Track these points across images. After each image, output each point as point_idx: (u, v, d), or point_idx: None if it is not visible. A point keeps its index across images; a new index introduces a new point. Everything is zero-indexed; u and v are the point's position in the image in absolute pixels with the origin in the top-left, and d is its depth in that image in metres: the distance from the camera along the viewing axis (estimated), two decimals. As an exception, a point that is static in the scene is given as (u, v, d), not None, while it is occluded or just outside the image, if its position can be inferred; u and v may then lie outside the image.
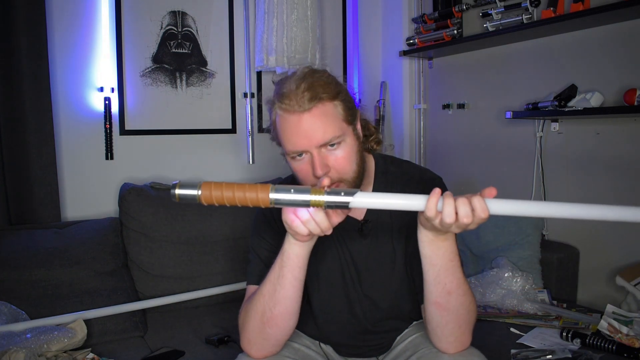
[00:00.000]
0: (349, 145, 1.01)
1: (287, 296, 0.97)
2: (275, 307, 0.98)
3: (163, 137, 2.33)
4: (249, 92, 2.52)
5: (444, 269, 0.94)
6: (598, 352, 1.40)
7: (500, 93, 2.32)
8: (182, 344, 1.61)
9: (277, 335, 1.01)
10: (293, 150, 0.99)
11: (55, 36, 2.07)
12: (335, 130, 0.98)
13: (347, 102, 1.03)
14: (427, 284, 0.96)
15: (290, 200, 0.82)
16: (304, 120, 0.97)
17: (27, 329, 1.46)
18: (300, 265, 0.96)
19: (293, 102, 0.97)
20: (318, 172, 0.97)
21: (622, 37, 1.84)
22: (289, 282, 0.97)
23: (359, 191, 0.83)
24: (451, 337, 0.99)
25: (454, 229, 0.85)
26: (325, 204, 0.82)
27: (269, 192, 0.81)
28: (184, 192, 0.83)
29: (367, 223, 1.11)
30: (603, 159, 1.93)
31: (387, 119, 2.82)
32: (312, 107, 0.97)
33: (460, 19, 2.37)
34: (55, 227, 1.90)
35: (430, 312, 0.98)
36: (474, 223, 0.82)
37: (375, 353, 1.19)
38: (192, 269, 1.96)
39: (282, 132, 1.00)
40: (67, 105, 2.11)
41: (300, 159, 1.00)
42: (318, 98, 0.97)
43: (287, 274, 0.96)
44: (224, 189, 0.81)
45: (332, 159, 0.99)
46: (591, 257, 2.00)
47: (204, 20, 2.39)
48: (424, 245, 0.93)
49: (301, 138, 0.97)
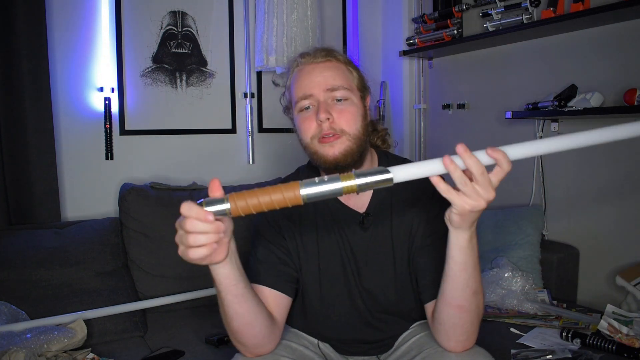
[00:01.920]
0: (355, 106, 1.07)
1: (236, 312, 0.94)
2: (232, 322, 0.95)
3: (163, 137, 2.33)
4: (249, 92, 2.52)
5: (474, 271, 0.90)
6: (598, 352, 1.40)
7: (500, 93, 2.32)
8: (182, 344, 1.61)
9: (252, 340, 0.99)
10: (302, 96, 1.05)
11: (55, 36, 2.07)
12: (344, 82, 1.06)
13: (360, 75, 1.12)
14: (455, 289, 0.92)
15: (323, 192, 0.75)
16: (317, 69, 1.07)
17: (27, 329, 1.46)
18: (233, 283, 0.89)
19: (311, 57, 1.08)
20: (321, 114, 1.02)
21: (622, 37, 1.84)
22: (232, 302, 0.92)
23: (387, 168, 0.76)
24: (463, 336, 0.97)
25: (484, 187, 0.77)
26: (358, 187, 0.76)
27: (296, 190, 0.75)
28: (213, 209, 0.74)
29: (369, 216, 1.11)
30: (603, 159, 1.93)
31: (387, 119, 2.82)
32: (327, 61, 1.08)
33: (460, 19, 2.37)
34: (55, 227, 1.90)
35: (448, 314, 0.95)
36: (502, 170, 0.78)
37: (376, 352, 1.19)
38: (192, 269, 1.93)
39: (295, 82, 1.08)
40: (67, 105, 2.11)
41: (307, 112, 1.06)
42: (333, 56, 1.09)
43: (227, 296, 0.91)
44: (247, 197, 0.75)
45: (337, 110, 1.04)
46: (591, 257, 2.00)
47: (204, 20, 2.39)
48: (459, 251, 0.87)
49: (312, 83, 1.05)
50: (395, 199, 1.12)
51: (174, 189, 2.10)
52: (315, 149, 1.06)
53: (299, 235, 1.12)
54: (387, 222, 1.11)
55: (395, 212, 1.11)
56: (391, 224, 1.11)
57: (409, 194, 1.11)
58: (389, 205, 1.12)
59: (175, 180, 2.27)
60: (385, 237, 1.11)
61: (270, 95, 2.57)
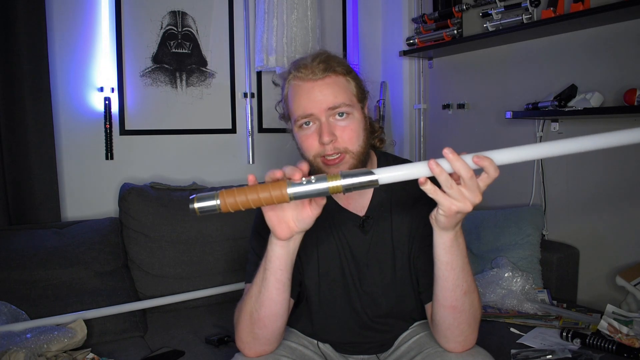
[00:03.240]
0: (357, 120, 1.04)
1: (271, 298, 0.96)
2: (261, 308, 0.97)
3: (163, 137, 2.33)
4: (249, 92, 2.52)
5: (462, 271, 0.91)
6: (598, 352, 1.40)
7: (500, 93, 2.32)
8: (182, 344, 1.61)
9: (267, 335, 1.01)
10: (302, 115, 1.02)
11: (55, 36, 2.07)
12: (345, 99, 1.02)
13: (358, 82, 1.09)
14: (445, 289, 0.93)
15: (309, 191, 0.78)
16: (316, 87, 1.02)
17: (27, 329, 1.46)
18: (282, 268, 0.94)
19: (308, 71, 1.02)
20: (325, 137, 1.00)
21: (622, 37, 1.84)
22: (272, 285, 0.95)
23: (372, 170, 0.79)
24: (461, 336, 0.98)
25: (471, 190, 0.78)
26: (344, 188, 0.78)
27: (283, 189, 0.78)
28: (203, 204, 0.79)
29: (369, 219, 1.11)
30: (603, 159, 1.93)
31: (387, 119, 2.82)
32: (325, 77, 1.02)
33: (460, 19, 2.37)
34: (55, 227, 1.90)
35: (442, 316, 0.96)
36: (489, 176, 0.78)
37: (375, 351, 1.19)
38: (192, 269, 1.97)
39: (294, 99, 1.04)
40: (67, 105, 2.11)
41: (307, 128, 1.03)
42: (332, 69, 1.03)
43: (270, 277, 0.95)
44: (236, 194, 0.79)
45: (340, 128, 1.02)
46: (591, 257, 2.00)
47: (204, 20, 2.39)
48: (444, 250, 0.89)
49: (312, 102, 1.01)
50: (394, 201, 1.12)
51: (174, 189, 2.10)
52: (318, 166, 1.05)
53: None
54: (387, 224, 1.11)
55: (395, 214, 1.11)
56: (391, 226, 1.11)
57: (409, 195, 1.11)
58: (388, 207, 1.12)
59: (175, 180, 2.27)
60: (385, 239, 1.11)
61: (270, 95, 2.57)
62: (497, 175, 0.78)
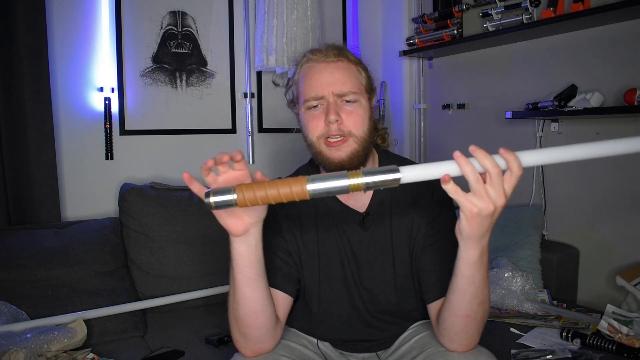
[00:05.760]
0: (363, 108, 1.07)
1: (245, 297, 0.95)
2: (239, 308, 0.96)
3: (163, 137, 2.33)
4: (249, 92, 2.52)
5: (482, 284, 0.89)
6: (598, 352, 1.40)
7: (500, 93, 2.32)
8: (182, 344, 1.61)
9: (254, 333, 1.00)
10: (311, 96, 1.05)
11: (55, 36, 2.07)
12: (354, 86, 1.05)
13: (369, 75, 1.12)
14: (462, 301, 0.91)
15: (329, 188, 0.75)
16: (329, 69, 1.05)
17: (27, 329, 1.46)
18: (247, 265, 0.93)
19: (321, 54, 1.07)
20: (331, 116, 1.02)
21: (622, 37, 1.84)
22: (242, 283, 0.94)
23: (397, 167, 0.76)
24: (467, 340, 0.98)
25: (497, 190, 0.77)
26: (365, 186, 0.75)
27: (303, 185, 0.75)
28: (219, 199, 0.77)
29: (369, 216, 1.11)
30: (603, 159, 1.93)
31: (387, 119, 2.82)
32: (338, 61, 1.06)
33: (460, 19, 2.37)
34: (55, 227, 1.90)
35: (453, 322, 0.95)
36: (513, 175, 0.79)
37: (375, 349, 1.19)
38: (192, 269, 1.96)
39: (305, 79, 1.07)
40: (67, 105, 2.11)
41: (314, 109, 1.05)
42: (345, 56, 1.07)
43: (238, 276, 0.94)
44: (255, 189, 0.76)
45: (346, 111, 1.04)
46: (591, 257, 2.00)
47: (204, 20, 2.39)
48: (467, 265, 0.86)
49: (322, 83, 1.04)
50: (395, 199, 1.12)
51: (173, 189, 2.10)
52: (320, 149, 1.06)
53: (299, 235, 1.12)
54: (387, 222, 1.11)
55: (395, 212, 1.11)
56: (391, 225, 1.11)
57: (409, 194, 1.11)
58: (388, 205, 1.12)
59: (175, 180, 2.27)
60: (385, 236, 1.11)
61: (270, 95, 2.57)
62: (521, 173, 0.78)
